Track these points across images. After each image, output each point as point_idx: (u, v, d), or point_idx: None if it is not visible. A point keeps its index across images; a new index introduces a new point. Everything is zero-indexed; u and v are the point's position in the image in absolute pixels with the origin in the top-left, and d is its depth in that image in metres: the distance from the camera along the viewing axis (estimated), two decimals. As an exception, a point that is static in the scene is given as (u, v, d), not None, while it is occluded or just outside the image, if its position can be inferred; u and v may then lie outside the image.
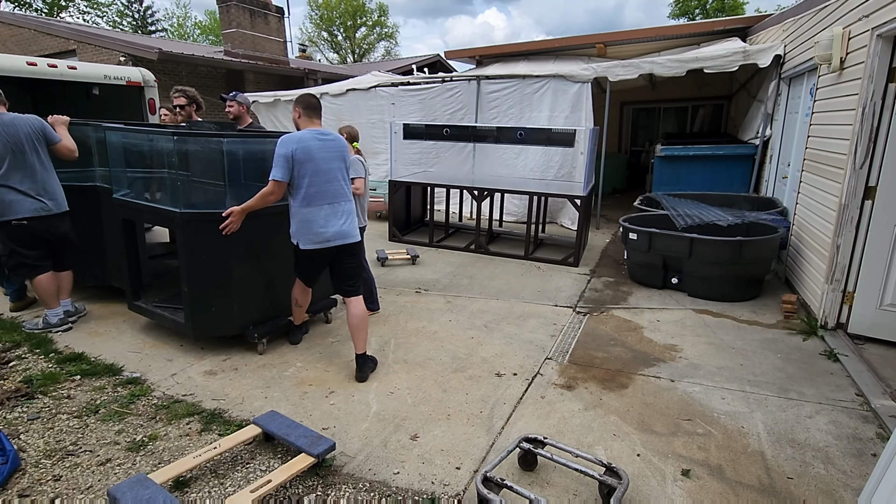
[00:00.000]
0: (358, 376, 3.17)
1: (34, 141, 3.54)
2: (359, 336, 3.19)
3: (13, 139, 3.45)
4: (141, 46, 10.23)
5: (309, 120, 3.14)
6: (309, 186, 3.01)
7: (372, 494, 2.20)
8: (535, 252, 6.14)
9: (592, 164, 6.60)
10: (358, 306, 3.22)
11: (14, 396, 2.86)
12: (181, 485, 2.23)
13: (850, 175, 3.59)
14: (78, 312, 4.00)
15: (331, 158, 3.08)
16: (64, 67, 5.42)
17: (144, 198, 3.72)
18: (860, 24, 3.60)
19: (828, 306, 3.82)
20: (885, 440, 2.55)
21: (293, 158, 2.96)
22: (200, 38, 33.06)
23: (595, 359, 3.48)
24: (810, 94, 4.87)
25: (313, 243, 3.09)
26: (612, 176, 10.32)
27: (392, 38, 35.55)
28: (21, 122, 3.50)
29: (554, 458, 2.23)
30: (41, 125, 3.60)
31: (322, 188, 3.05)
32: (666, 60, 6.90)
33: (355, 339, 3.20)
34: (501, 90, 7.79)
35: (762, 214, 5.13)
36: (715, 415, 2.81)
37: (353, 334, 3.20)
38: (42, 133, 3.60)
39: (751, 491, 2.23)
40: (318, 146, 3.03)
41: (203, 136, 3.37)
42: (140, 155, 3.73)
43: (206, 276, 3.35)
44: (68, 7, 25.83)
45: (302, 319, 3.65)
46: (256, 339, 3.46)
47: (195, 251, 3.29)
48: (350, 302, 3.22)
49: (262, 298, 3.55)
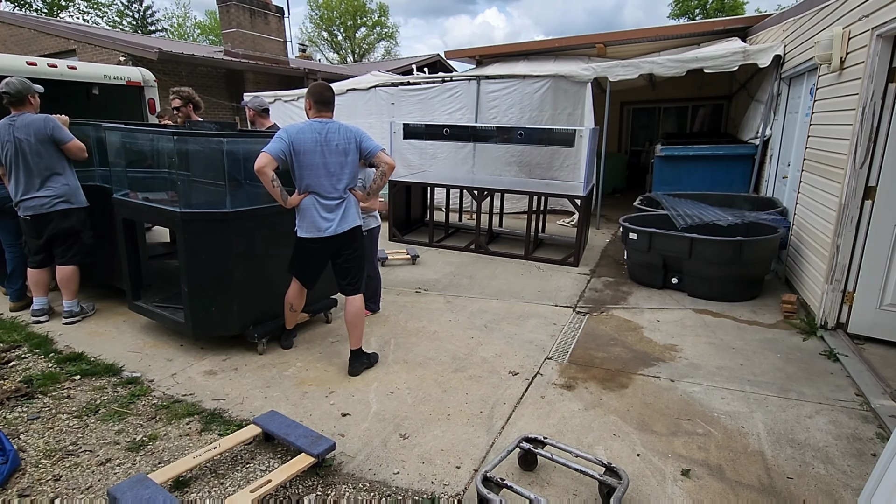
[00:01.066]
0: (350, 370, 3.23)
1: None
2: (353, 333, 3.24)
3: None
4: (141, 46, 10.23)
5: (318, 112, 3.06)
6: (307, 178, 2.99)
7: (372, 494, 2.20)
8: (535, 252, 6.14)
9: (592, 164, 6.60)
10: (355, 303, 3.23)
11: (14, 396, 2.86)
12: (181, 485, 2.23)
13: (850, 175, 3.59)
14: (84, 312, 4.03)
15: (329, 152, 2.99)
16: (64, 67, 5.42)
17: (145, 198, 3.73)
18: (860, 24, 3.60)
19: (828, 306, 3.82)
20: (884, 440, 2.55)
21: (290, 147, 2.90)
22: (201, 38, 33.07)
23: (595, 359, 3.48)
24: (810, 94, 4.87)
25: (311, 232, 3.07)
26: (612, 176, 10.32)
27: (392, 38, 35.60)
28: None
29: (554, 458, 2.23)
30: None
31: (320, 181, 3.01)
32: (666, 60, 6.90)
33: (350, 336, 3.26)
34: (501, 90, 7.80)
35: (762, 214, 5.12)
36: (715, 415, 2.81)
37: (349, 331, 3.26)
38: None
39: (751, 491, 2.23)
40: (316, 139, 2.95)
41: (203, 136, 3.36)
42: (140, 155, 3.73)
43: (206, 276, 3.34)
44: (68, 7, 25.84)
45: (294, 323, 3.60)
46: (256, 339, 3.46)
47: (195, 251, 3.29)
48: (348, 299, 3.25)
49: (262, 298, 3.55)
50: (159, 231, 6.10)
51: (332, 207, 3.07)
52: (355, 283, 3.26)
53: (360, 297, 3.27)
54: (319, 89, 3.07)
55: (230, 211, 3.27)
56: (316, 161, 2.97)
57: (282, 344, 3.61)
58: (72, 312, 3.92)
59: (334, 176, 3.04)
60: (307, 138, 2.94)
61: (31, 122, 3.64)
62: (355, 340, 3.26)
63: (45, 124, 3.65)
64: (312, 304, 3.87)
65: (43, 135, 3.64)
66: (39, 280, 3.92)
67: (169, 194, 3.60)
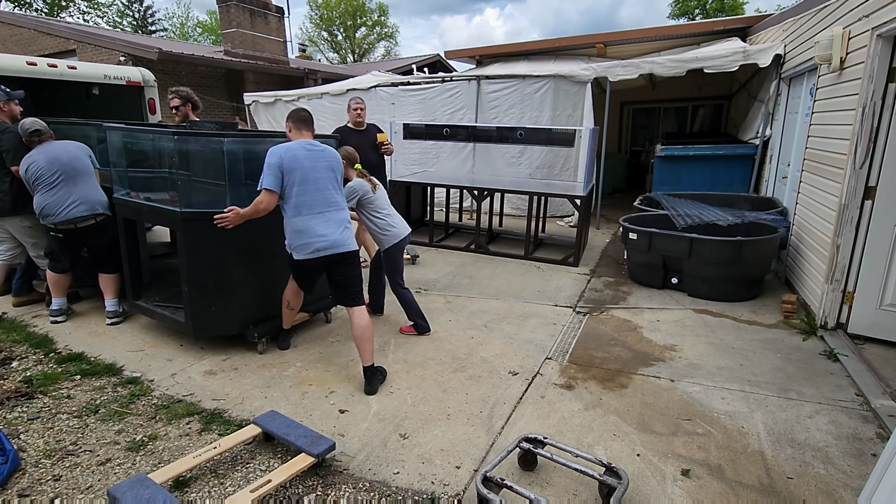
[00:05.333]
0: (367, 389, 3.02)
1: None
2: (364, 347, 3.06)
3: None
4: (141, 46, 10.23)
5: (299, 132, 3.16)
6: (298, 195, 2.98)
7: (372, 494, 2.20)
8: (535, 252, 6.14)
9: (592, 163, 6.60)
10: (361, 317, 3.08)
11: (14, 396, 2.86)
12: (181, 484, 2.23)
13: (850, 175, 3.59)
14: (125, 313, 4.06)
15: (319, 168, 3.04)
16: (64, 67, 5.42)
17: (146, 198, 3.74)
18: (860, 24, 3.60)
19: (828, 306, 3.82)
20: (884, 440, 2.55)
21: (282, 168, 2.95)
22: (202, 37, 33.06)
23: (595, 359, 3.48)
24: (810, 94, 4.87)
25: (306, 253, 3.03)
26: (612, 176, 10.32)
27: (392, 37, 35.57)
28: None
29: (554, 458, 2.23)
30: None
31: (312, 196, 3.02)
32: (666, 60, 6.90)
33: (361, 352, 3.08)
34: (501, 90, 7.79)
35: (762, 214, 5.12)
36: (715, 415, 2.81)
37: (359, 345, 3.08)
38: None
39: (751, 491, 2.23)
40: (305, 155, 3.01)
41: (203, 136, 3.37)
42: (141, 155, 3.74)
43: (206, 276, 3.35)
44: (68, 7, 25.82)
45: (292, 323, 3.59)
46: (256, 339, 3.46)
47: (196, 251, 3.29)
48: (353, 312, 3.10)
49: (262, 298, 3.56)
50: (160, 231, 6.10)
51: (332, 220, 3.08)
52: (356, 293, 3.15)
53: (364, 309, 3.13)
54: (299, 112, 3.22)
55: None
56: (310, 176, 3.02)
57: (279, 345, 3.59)
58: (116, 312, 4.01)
59: (331, 189, 3.10)
60: (301, 155, 3.03)
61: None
62: (368, 356, 3.05)
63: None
64: (312, 304, 3.88)
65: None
66: (60, 282, 3.94)
67: (170, 194, 3.61)
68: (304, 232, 3.01)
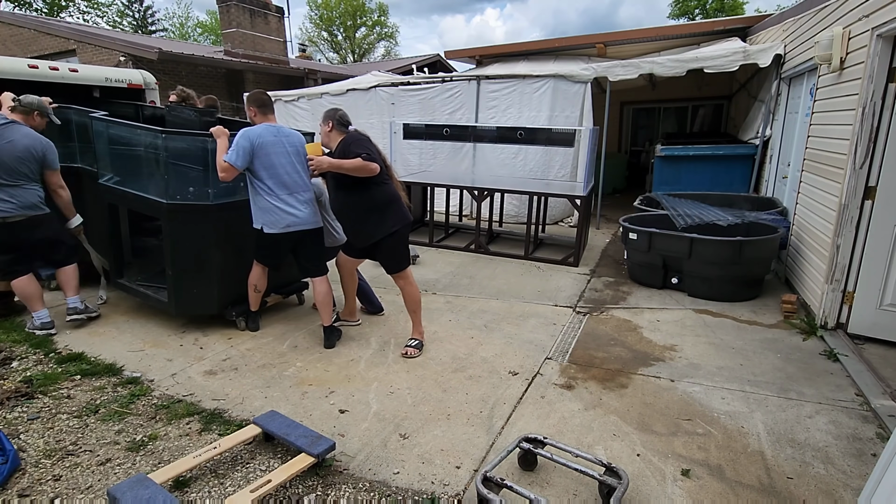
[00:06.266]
0: (326, 344, 3.59)
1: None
2: (324, 311, 3.61)
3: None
4: (141, 46, 10.24)
5: (264, 116, 3.43)
6: (268, 178, 3.30)
7: (372, 494, 2.20)
8: (535, 252, 6.14)
9: (592, 164, 6.60)
10: (323, 284, 3.61)
11: (14, 396, 2.86)
12: (181, 485, 2.23)
13: (850, 175, 3.59)
14: (88, 311, 3.95)
15: (285, 153, 3.35)
16: (65, 70, 5.41)
17: (133, 187, 3.85)
18: (860, 24, 3.60)
19: (828, 306, 3.82)
20: (884, 440, 2.55)
21: (252, 151, 3.22)
22: (202, 37, 33.07)
23: (595, 359, 3.48)
24: (810, 94, 4.87)
25: (279, 228, 3.38)
26: (612, 176, 10.31)
27: (392, 38, 35.57)
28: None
29: (554, 458, 2.23)
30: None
31: (281, 179, 3.33)
32: (666, 60, 6.90)
33: (322, 314, 3.62)
34: (501, 90, 7.79)
35: (762, 214, 5.12)
36: (715, 415, 2.81)
37: (321, 309, 3.62)
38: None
39: (751, 491, 2.23)
40: (273, 141, 3.31)
41: (190, 136, 3.55)
42: (130, 147, 3.83)
43: (189, 261, 3.65)
44: (68, 7, 25.83)
45: (259, 305, 3.85)
46: (234, 318, 3.79)
47: (180, 239, 3.58)
48: (315, 282, 3.62)
49: (240, 282, 3.78)
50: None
51: (299, 200, 3.41)
52: (320, 265, 3.66)
53: (326, 279, 3.64)
54: (258, 95, 3.46)
55: (212, 204, 3.56)
56: (279, 160, 3.33)
57: (248, 326, 3.84)
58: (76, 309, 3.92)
59: (298, 172, 3.41)
60: (269, 140, 3.28)
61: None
62: (327, 318, 3.62)
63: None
64: (284, 287, 4.17)
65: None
66: (26, 290, 3.72)
67: (155, 185, 3.70)
68: (272, 210, 3.35)
